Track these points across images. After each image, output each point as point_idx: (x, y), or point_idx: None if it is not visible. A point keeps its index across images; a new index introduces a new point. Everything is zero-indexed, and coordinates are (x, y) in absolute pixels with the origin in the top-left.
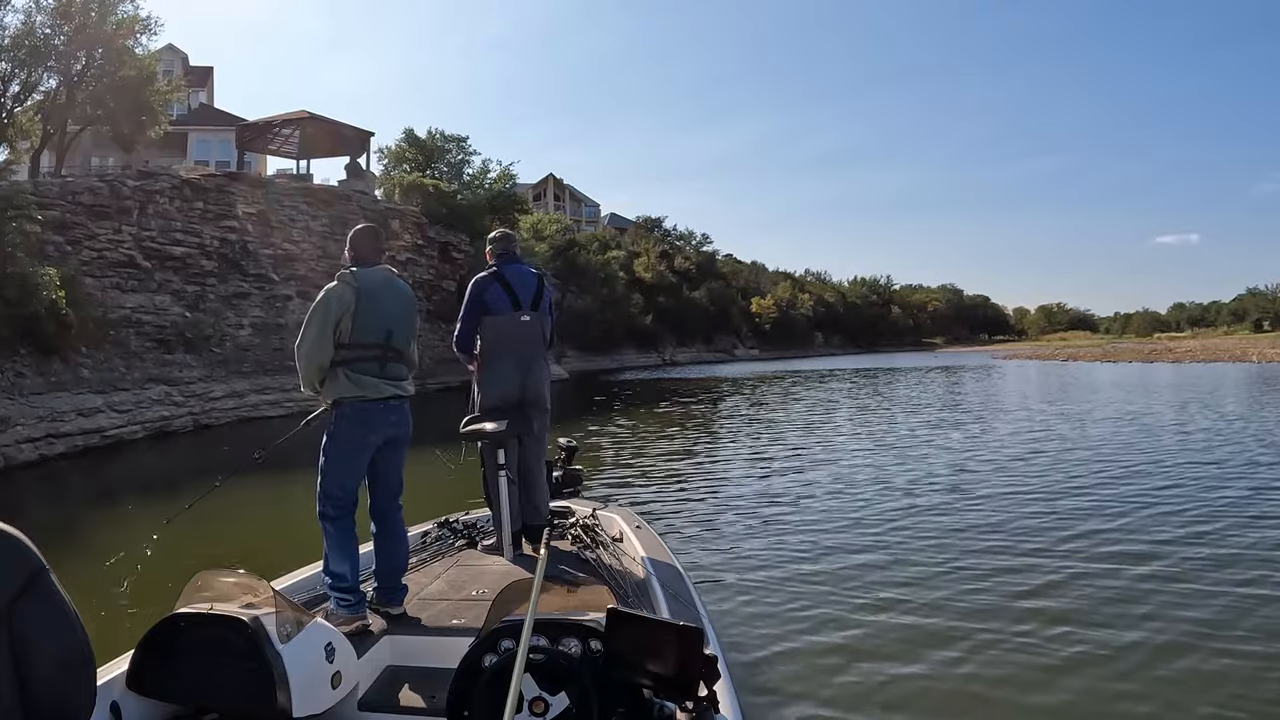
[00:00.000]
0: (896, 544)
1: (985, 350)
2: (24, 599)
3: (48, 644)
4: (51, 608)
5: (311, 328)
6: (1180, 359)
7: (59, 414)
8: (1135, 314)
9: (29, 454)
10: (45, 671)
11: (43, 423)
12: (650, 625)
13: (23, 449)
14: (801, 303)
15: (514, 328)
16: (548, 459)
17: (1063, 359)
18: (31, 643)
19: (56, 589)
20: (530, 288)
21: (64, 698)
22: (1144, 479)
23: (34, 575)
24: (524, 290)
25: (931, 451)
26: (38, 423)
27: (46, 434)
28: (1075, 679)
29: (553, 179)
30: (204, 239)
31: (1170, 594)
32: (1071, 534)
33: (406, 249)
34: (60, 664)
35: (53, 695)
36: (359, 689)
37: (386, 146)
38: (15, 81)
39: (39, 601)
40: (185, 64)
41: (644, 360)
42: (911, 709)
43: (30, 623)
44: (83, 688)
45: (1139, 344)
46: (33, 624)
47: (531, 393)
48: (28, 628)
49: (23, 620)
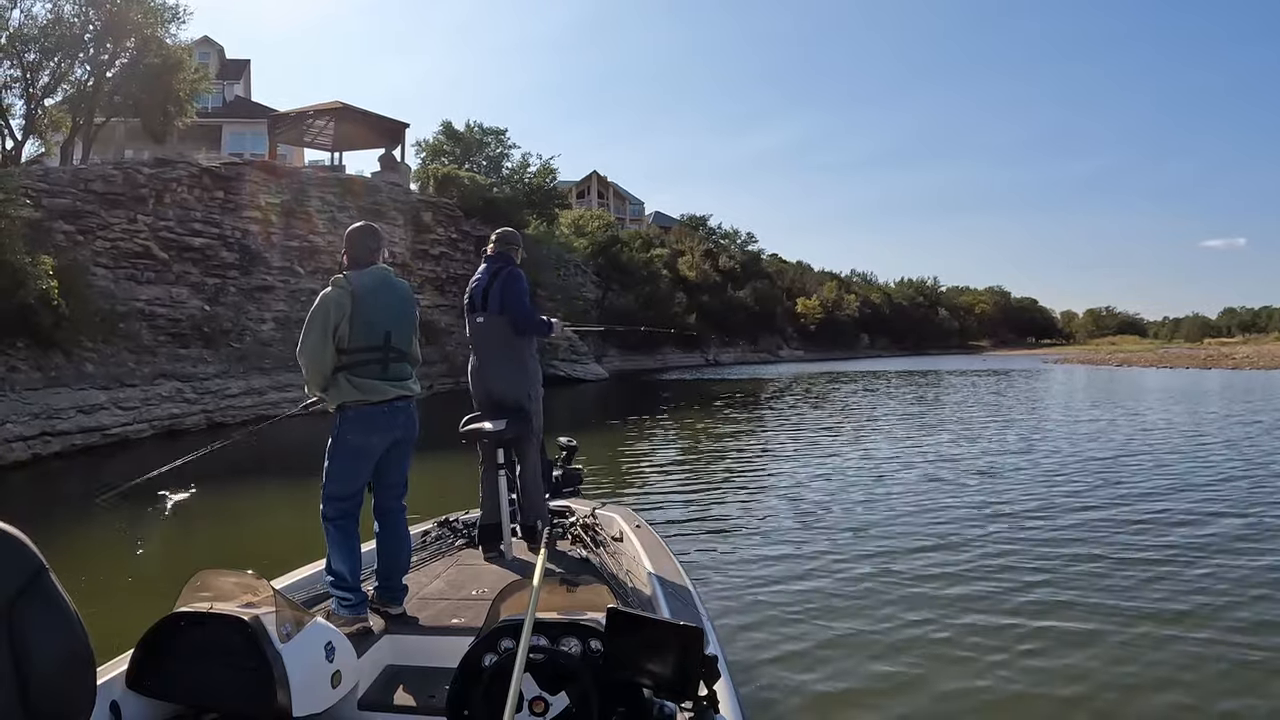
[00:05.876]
0: (897, 544)
1: (1033, 354)
2: (23, 598)
3: (47, 643)
4: (51, 607)
5: (311, 334)
6: (1239, 365)
7: (56, 411)
8: (1185, 318)
9: (20, 453)
10: (45, 671)
11: (37, 420)
12: (650, 625)
13: (13, 448)
14: (847, 303)
15: (473, 330)
16: (550, 458)
17: (1115, 364)
18: (31, 642)
19: (56, 588)
20: (481, 286)
21: (64, 697)
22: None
23: (34, 574)
24: (477, 289)
25: (958, 458)
26: (31, 420)
27: (41, 432)
28: (1081, 684)
29: (596, 176)
30: (225, 230)
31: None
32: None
33: (440, 243)
34: (60, 663)
35: (52, 695)
36: (359, 688)
37: (424, 140)
38: (45, 72)
39: (39, 601)
40: (221, 56)
41: (687, 360)
42: (912, 709)
43: (30, 622)
44: (82, 687)
45: (1191, 349)
46: (32, 623)
47: (496, 394)
48: (27, 627)
49: (22, 620)
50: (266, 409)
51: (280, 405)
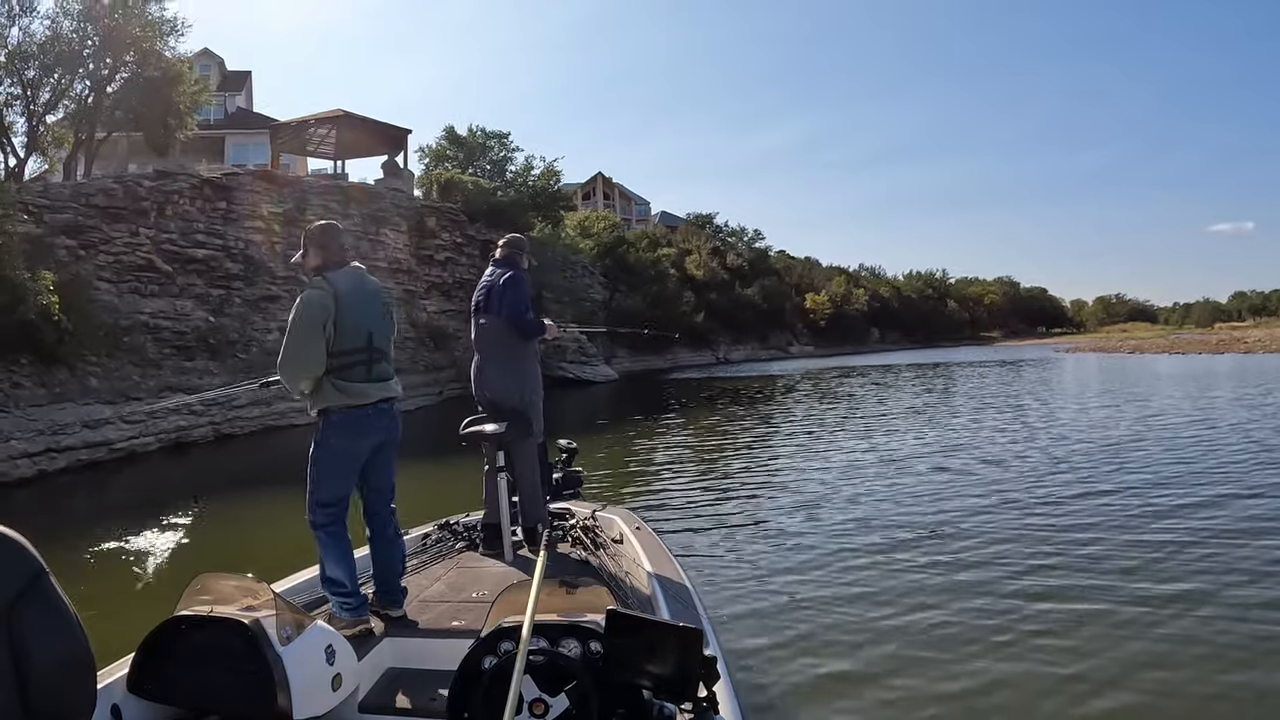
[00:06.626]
0: (901, 545)
1: (1045, 343)
2: (23, 601)
3: (47, 647)
4: (51, 610)
5: (305, 339)
6: (1252, 349)
7: (61, 426)
8: (1195, 304)
9: (26, 470)
10: (45, 674)
11: (42, 436)
12: (650, 626)
13: (18, 465)
14: (856, 298)
15: (476, 332)
16: (550, 461)
17: (1126, 351)
18: (31, 645)
19: (56, 592)
20: (485, 289)
21: (64, 701)
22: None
23: (33, 578)
24: (482, 293)
25: (959, 456)
26: (36, 436)
27: (46, 448)
28: (1085, 687)
29: (601, 177)
30: (228, 240)
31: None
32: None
33: (445, 248)
34: (60, 667)
35: (53, 698)
36: (359, 691)
37: (427, 145)
38: (45, 88)
39: (38, 604)
40: (222, 68)
41: (697, 359)
42: (915, 711)
43: (30, 625)
44: (83, 690)
45: (1203, 335)
46: (32, 627)
47: (494, 396)
48: (27, 630)
49: (22, 623)
50: (274, 419)
51: (287, 415)
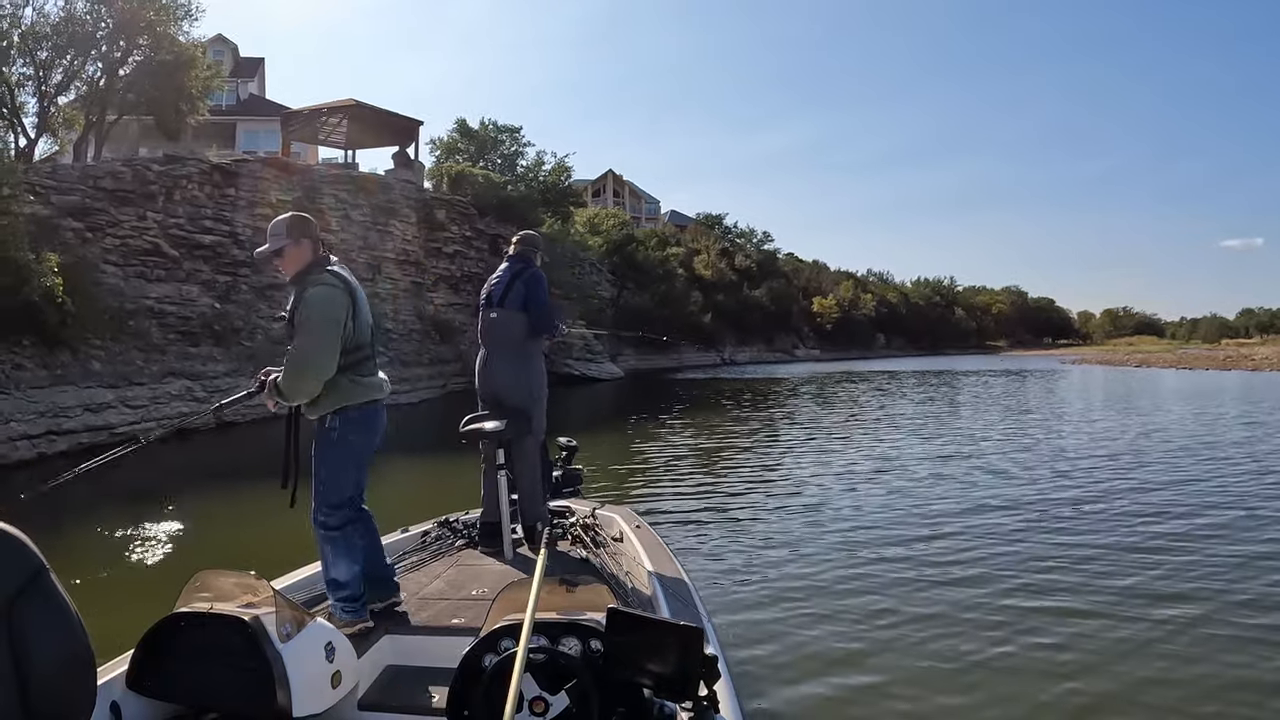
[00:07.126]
0: (901, 544)
1: (1050, 354)
2: (23, 598)
3: (47, 643)
4: (51, 607)
5: (329, 335)
6: (1259, 366)
7: (62, 409)
8: (1203, 319)
9: (25, 452)
10: (45, 671)
11: (43, 419)
12: (650, 625)
13: (18, 446)
14: (864, 303)
15: (485, 325)
16: (550, 459)
17: (1133, 364)
18: (31, 642)
19: (56, 588)
20: (502, 283)
21: (64, 697)
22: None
23: (34, 574)
24: (496, 286)
25: (961, 463)
26: (37, 419)
27: (47, 430)
28: (1084, 701)
29: (612, 174)
30: (236, 227)
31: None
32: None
33: (454, 240)
34: (60, 663)
35: (53, 695)
36: (359, 688)
37: (438, 138)
38: (57, 70)
39: (39, 601)
40: (235, 55)
41: (703, 359)
42: (915, 709)
43: (30, 622)
44: (83, 687)
45: (1210, 350)
46: (32, 623)
47: (499, 391)
48: (27, 627)
49: (22, 619)
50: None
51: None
